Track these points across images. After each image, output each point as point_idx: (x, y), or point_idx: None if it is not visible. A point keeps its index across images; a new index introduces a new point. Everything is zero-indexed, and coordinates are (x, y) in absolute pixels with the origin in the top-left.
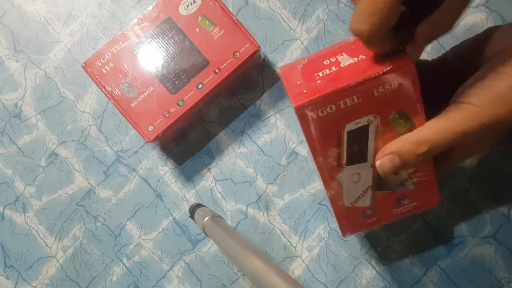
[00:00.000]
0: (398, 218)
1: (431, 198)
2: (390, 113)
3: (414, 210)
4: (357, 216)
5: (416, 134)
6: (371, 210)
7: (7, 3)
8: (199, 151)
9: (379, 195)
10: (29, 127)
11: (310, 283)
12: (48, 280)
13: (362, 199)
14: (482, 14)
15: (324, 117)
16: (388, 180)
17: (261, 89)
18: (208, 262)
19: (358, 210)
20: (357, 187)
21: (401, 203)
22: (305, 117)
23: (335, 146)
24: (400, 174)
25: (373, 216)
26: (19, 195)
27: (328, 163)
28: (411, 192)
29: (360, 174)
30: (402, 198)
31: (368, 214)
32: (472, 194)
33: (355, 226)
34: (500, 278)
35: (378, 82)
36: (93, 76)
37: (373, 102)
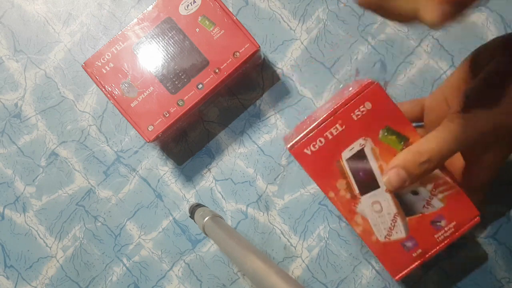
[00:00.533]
0: (444, 245)
1: (469, 214)
2: (378, 132)
3: (458, 232)
4: (399, 251)
5: (416, 146)
6: (410, 241)
7: (7, 3)
8: (199, 151)
9: (411, 222)
10: (29, 127)
11: (310, 283)
12: (48, 280)
13: (395, 230)
14: (482, 14)
15: (318, 151)
16: (411, 203)
17: (261, 89)
18: (208, 262)
19: (396, 244)
20: (383, 217)
21: (439, 226)
22: (301, 156)
23: (341, 177)
24: (421, 193)
25: (416, 247)
26: (19, 195)
27: (342, 197)
28: (443, 210)
29: (380, 202)
30: (437, 220)
31: (410, 246)
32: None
33: (402, 264)
34: (500, 278)
35: (351, 108)
36: (93, 76)
37: (357, 126)
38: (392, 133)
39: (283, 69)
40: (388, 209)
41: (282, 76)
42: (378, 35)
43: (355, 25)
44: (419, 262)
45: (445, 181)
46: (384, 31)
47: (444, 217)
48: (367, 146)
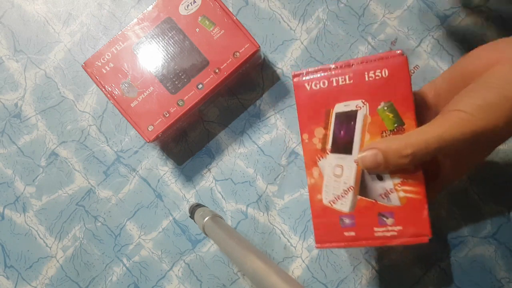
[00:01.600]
0: (378, 243)
1: (420, 230)
2: (379, 103)
3: (398, 239)
4: (334, 222)
5: (404, 137)
6: (350, 219)
7: (7, 3)
8: (199, 151)
9: (360, 203)
10: (29, 127)
11: (310, 283)
12: (48, 280)
13: (342, 201)
14: (482, 13)
15: (317, 92)
16: (371, 184)
17: (261, 89)
18: (208, 262)
19: (335, 214)
20: (338, 183)
21: (384, 221)
22: (300, 88)
23: (322, 126)
24: (385, 181)
25: (351, 228)
26: (19, 195)
27: (313, 144)
28: (396, 209)
29: (343, 168)
30: (385, 215)
31: (346, 224)
32: (472, 194)
33: (331, 236)
34: (500, 278)
35: (369, 66)
36: (93, 76)
37: (364, 86)
38: (392, 111)
39: (283, 69)
40: (347, 178)
41: (282, 76)
42: (378, 35)
43: (355, 25)
44: (345, 244)
45: (416, 184)
46: (384, 31)
47: (393, 216)
48: (362, 110)
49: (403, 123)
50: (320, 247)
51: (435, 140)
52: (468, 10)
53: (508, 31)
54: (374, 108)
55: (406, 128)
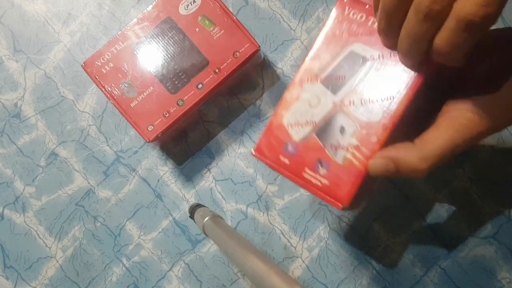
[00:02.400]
0: (300, 184)
1: (341, 195)
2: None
3: (318, 190)
4: (279, 143)
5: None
6: (293, 148)
7: (7, 3)
8: (199, 151)
9: (310, 141)
10: (28, 127)
11: (310, 283)
12: (47, 280)
13: (297, 130)
14: None
15: (351, 20)
16: (329, 133)
17: (261, 89)
18: (208, 262)
19: (285, 137)
20: (306, 112)
21: (318, 168)
22: (341, 7)
23: (331, 54)
24: (344, 137)
25: (289, 157)
26: (19, 195)
27: (313, 65)
28: (335, 165)
29: (319, 102)
30: (322, 164)
31: (288, 150)
32: (472, 194)
33: (269, 153)
34: (500, 278)
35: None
36: (92, 76)
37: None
38: None
39: (283, 69)
40: (316, 113)
41: (282, 76)
42: None
43: None
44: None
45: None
46: None
47: (328, 169)
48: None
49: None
50: (255, 156)
51: (450, 148)
52: None
53: None
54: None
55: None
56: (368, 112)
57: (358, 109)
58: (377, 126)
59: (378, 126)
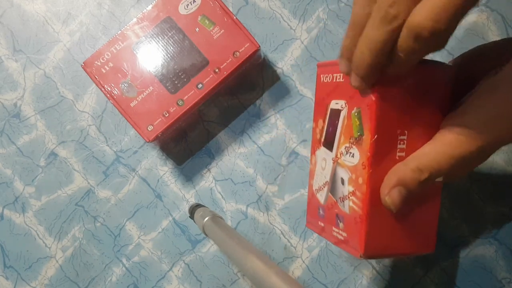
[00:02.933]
0: (333, 242)
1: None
2: (354, 108)
3: (343, 244)
4: (315, 209)
5: (414, 161)
6: (322, 211)
7: (6, 3)
8: (199, 151)
9: (330, 200)
10: (28, 127)
11: (310, 284)
12: (47, 280)
13: (321, 193)
14: (483, 14)
15: (324, 85)
16: (338, 187)
17: (261, 89)
18: (208, 262)
19: (317, 202)
20: (322, 175)
21: (338, 223)
22: (319, 77)
23: (323, 118)
24: (345, 186)
25: (322, 220)
26: (18, 195)
27: (316, 133)
28: (346, 216)
29: (326, 162)
30: (339, 218)
31: (320, 214)
32: (473, 194)
33: (313, 221)
34: (500, 278)
35: None
36: (92, 75)
37: (349, 89)
38: (359, 118)
39: (283, 69)
40: (326, 173)
41: (282, 76)
42: None
43: None
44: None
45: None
46: None
47: (343, 222)
48: (343, 111)
49: (363, 134)
50: (309, 227)
51: (447, 161)
52: None
53: (508, 31)
54: (351, 111)
55: (364, 139)
56: (351, 156)
57: (345, 157)
58: (359, 167)
59: (359, 167)
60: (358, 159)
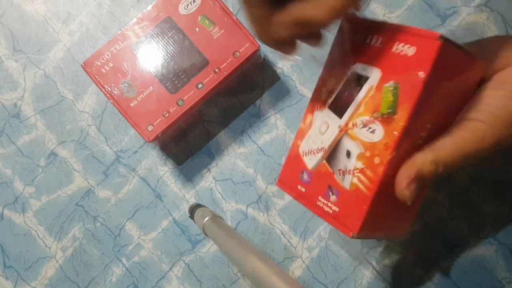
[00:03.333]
0: (314, 211)
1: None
2: (389, 81)
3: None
4: (297, 172)
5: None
6: (307, 176)
7: (6, 3)
8: (199, 151)
9: (321, 167)
10: (28, 127)
11: (310, 284)
12: (47, 280)
13: (310, 157)
14: (482, 14)
15: (351, 41)
16: (338, 158)
17: (261, 89)
18: (208, 262)
19: (301, 165)
20: (317, 139)
21: (328, 195)
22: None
23: (336, 78)
24: (350, 160)
25: (304, 185)
26: (18, 195)
27: (321, 92)
28: (343, 191)
29: (328, 127)
30: (332, 190)
31: (304, 179)
32: (473, 194)
33: (289, 182)
34: (501, 278)
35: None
36: (92, 75)
37: (388, 56)
38: (394, 95)
39: (283, 69)
40: (325, 139)
41: (282, 76)
42: None
43: None
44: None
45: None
46: None
47: (338, 196)
48: (372, 80)
49: (396, 112)
50: (278, 185)
51: (460, 155)
52: (468, 10)
53: (508, 31)
54: (383, 83)
55: (395, 119)
56: (370, 132)
57: (361, 131)
58: (380, 146)
59: (380, 146)
60: (381, 137)
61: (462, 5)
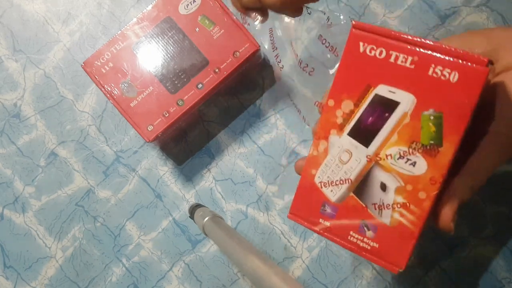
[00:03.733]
0: (347, 247)
1: (395, 260)
2: (428, 108)
3: (368, 254)
4: (316, 204)
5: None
6: (332, 210)
7: (6, 3)
8: (199, 151)
9: (349, 200)
10: (28, 127)
11: (310, 284)
12: (47, 280)
13: (333, 189)
14: (483, 13)
15: (368, 58)
16: (369, 189)
17: (261, 89)
18: (208, 262)
19: (321, 197)
20: (339, 169)
21: (363, 230)
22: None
23: (354, 101)
24: (387, 194)
25: (329, 219)
26: (19, 195)
27: (334, 116)
28: (382, 227)
29: (351, 156)
30: (368, 226)
31: (327, 212)
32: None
33: (306, 215)
34: (501, 278)
35: (440, 60)
36: (92, 75)
37: (422, 80)
38: (437, 124)
39: (283, 69)
40: (350, 169)
41: (282, 76)
42: None
43: None
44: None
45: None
46: None
47: (375, 231)
48: (405, 106)
49: (441, 144)
50: (291, 218)
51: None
52: (468, 10)
53: None
54: (420, 110)
55: (441, 152)
56: (410, 164)
57: (397, 162)
58: (424, 180)
59: (425, 181)
60: (424, 171)
61: (462, 5)
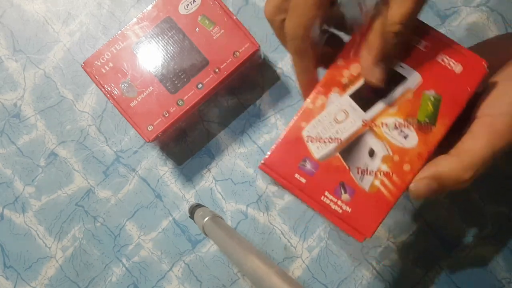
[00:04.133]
0: (317, 208)
1: (364, 227)
2: (430, 89)
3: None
4: (296, 159)
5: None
6: (312, 167)
7: (6, 3)
8: (199, 151)
9: (333, 160)
10: (28, 127)
11: (310, 284)
12: (47, 280)
13: (319, 145)
14: (482, 13)
15: None
16: (357, 155)
17: (261, 89)
18: (208, 262)
19: (304, 152)
20: (331, 127)
21: (339, 193)
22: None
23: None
24: (373, 161)
25: (306, 176)
26: (18, 195)
27: (341, 75)
28: (360, 192)
29: (347, 117)
30: (346, 188)
31: (306, 168)
32: (473, 194)
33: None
34: (500, 278)
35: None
36: (92, 75)
37: (432, 64)
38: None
39: (283, 69)
40: (342, 130)
41: (282, 76)
42: None
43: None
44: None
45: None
46: None
47: (352, 195)
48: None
49: (435, 124)
50: (263, 169)
51: (490, 155)
52: (468, 10)
53: (508, 31)
54: (422, 89)
55: (433, 131)
56: (403, 136)
57: (391, 132)
58: (412, 153)
59: (412, 154)
60: (414, 145)
61: (462, 5)
